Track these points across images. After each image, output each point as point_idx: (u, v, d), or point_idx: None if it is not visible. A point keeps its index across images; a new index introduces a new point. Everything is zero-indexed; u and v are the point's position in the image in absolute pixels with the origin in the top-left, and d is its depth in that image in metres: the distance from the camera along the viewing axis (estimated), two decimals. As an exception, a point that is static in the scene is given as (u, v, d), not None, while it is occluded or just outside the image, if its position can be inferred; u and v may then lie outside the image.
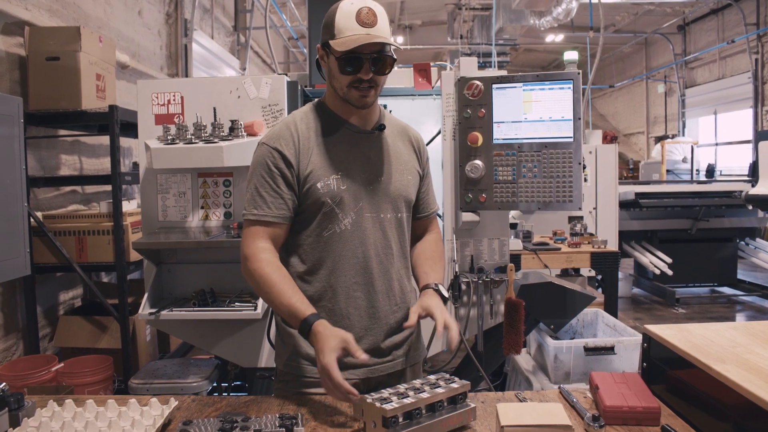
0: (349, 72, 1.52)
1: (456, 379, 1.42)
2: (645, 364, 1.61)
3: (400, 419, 1.28)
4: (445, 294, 1.63)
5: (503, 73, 2.68)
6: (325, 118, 1.65)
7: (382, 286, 1.63)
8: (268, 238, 1.57)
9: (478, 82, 2.59)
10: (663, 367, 1.52)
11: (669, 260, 6.63)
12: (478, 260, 2.83)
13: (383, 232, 1.63)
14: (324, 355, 1.37)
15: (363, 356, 1.40)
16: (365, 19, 1.48)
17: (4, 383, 1.38)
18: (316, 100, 1.72)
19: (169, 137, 2.61)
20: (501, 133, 2.59)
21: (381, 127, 1.67)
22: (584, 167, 5.48)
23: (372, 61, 1.51)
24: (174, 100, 2.75)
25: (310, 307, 1.48)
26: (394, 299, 1.66)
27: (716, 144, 12.63)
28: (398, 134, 1.74)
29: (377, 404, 1.27)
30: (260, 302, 2.56)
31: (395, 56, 1.57)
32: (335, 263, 1.60)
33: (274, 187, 1.56)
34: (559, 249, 4.41)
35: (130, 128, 3.52)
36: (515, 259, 4.08)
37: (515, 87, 2.57)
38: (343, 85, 1.55)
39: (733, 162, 11.76)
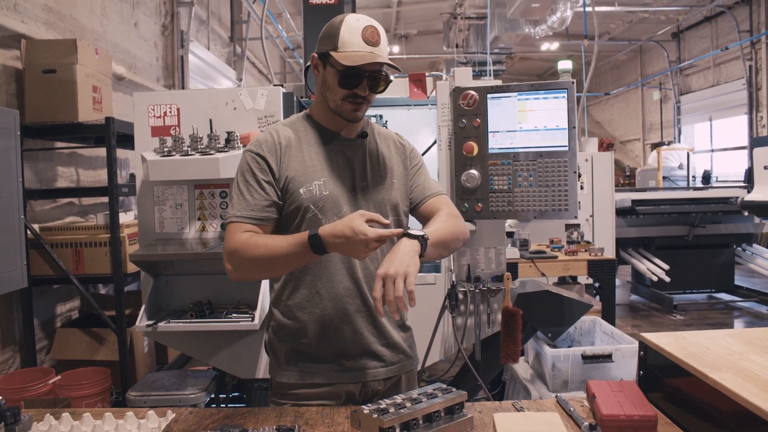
0: (348, 87, 1.55)
1: (453, 389, 1.42)
2: (641, 372, 1.61)
3: (397, 430, 1.28)
4: (415, 233, 1.45)
5: (498, 82, 2.69)
6: (310, 126, 1.68)
7: (370, 290, 1.62)
8: None
9: (473, 92, 2.61)
10: (659, 375, 1.52)
11: (666, 267, 6.64)
12: (474, 269, 2.84)
13: None
14: (351, 222, 1.36)
15: (386, 221, 1.40)
16: (370, 37, 1.52)
17: (0, 397, 1.38)
18: (302, 111, 1.74)
19: (165, 149, 2.62)
20: (496, 142, 2.60)
21: (363, 135, 1.69)
22: (579, 175, 5.51)
23: (370, 79, 1.55)
24: (170, 111, 2.76)
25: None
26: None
27: (712, 150, 12.67)
28: (382, 139, 1.76)
29: (374, 415, 1.27)
30: (257, 313, 2.56)
31: (391, 78, 1.60)
32: (321, 269, 1.61)
33: (258, 188, 1.57)
34: (556, 257, 4.41)
35: (127, 140, 3.52)
36: (512, 267, 4.08)
37: (510, 96, 2.58)
38: (338, 98, 1.57)
39: (729, 168, 11.80)
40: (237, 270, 1.53)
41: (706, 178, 9.54)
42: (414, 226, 1.60)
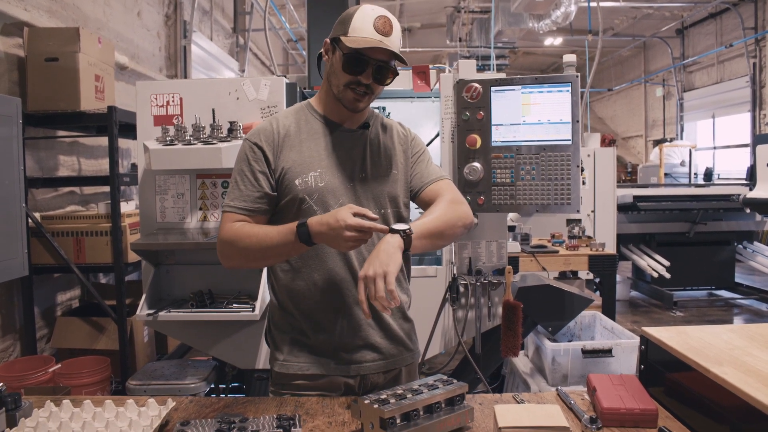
0: (351, 72, 1.53)
1: (454, 380, 1.42)
2: (642, 366, 1.61)
3: (398, 420, 1.28)
4: (398, 228, 1.43)
5: (502, 75, 2.68)
6: (312, 116, 1.67)
7: None
8: None
9: (476, 85, 2.60)
10: (660, 369, 1.52)
11: (667, 263, 6.64)
12: (476, 262, 2.84)
13: None
14: (337, 212, 1.38)
15: (374, 215, 1.40)
16: (382, 27, 1.52)
17: (1, 384, 1.38)
18: (305, 100, 1.73)
19: (167, 138, 2.61)
20: (499, 135, 2.60)
21: (365, 125, 1.68)
22: (582, 170, 5.49)
23: (376, 68, 1.53)
24: (173, 101, 2.75)
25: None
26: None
27: (714, 147, 12.65)
28: (384, 130, 1.74)
29: (375, 405, 1.27)
30: (258, 303, 2.56)
31: (398, 71, 1.59)
32: (318, 261, 1.60)
33: (252, 179, 1.57)
34: (557, 252, 4.41)
35: (129, 129, 3.52)
36: (513, 261, 4.08)
37: (514, 90, 2.57)
38: (341, 83, 1.56)
39: (731, 165, 11.78)
40: (229, 259, 1.56)
41: (708, 175, 9.53)
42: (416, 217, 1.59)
